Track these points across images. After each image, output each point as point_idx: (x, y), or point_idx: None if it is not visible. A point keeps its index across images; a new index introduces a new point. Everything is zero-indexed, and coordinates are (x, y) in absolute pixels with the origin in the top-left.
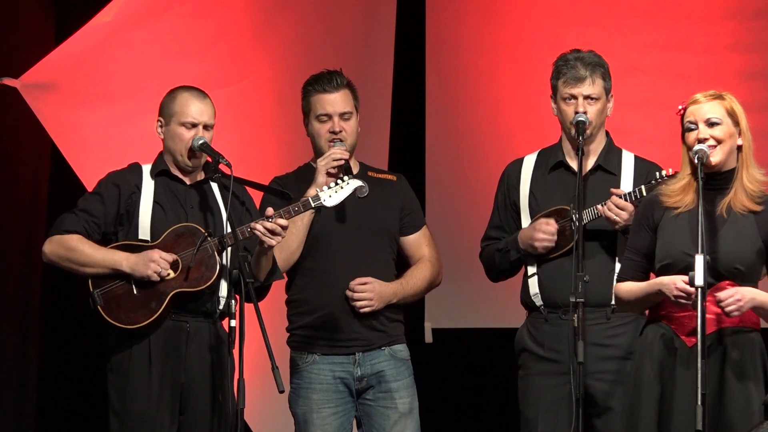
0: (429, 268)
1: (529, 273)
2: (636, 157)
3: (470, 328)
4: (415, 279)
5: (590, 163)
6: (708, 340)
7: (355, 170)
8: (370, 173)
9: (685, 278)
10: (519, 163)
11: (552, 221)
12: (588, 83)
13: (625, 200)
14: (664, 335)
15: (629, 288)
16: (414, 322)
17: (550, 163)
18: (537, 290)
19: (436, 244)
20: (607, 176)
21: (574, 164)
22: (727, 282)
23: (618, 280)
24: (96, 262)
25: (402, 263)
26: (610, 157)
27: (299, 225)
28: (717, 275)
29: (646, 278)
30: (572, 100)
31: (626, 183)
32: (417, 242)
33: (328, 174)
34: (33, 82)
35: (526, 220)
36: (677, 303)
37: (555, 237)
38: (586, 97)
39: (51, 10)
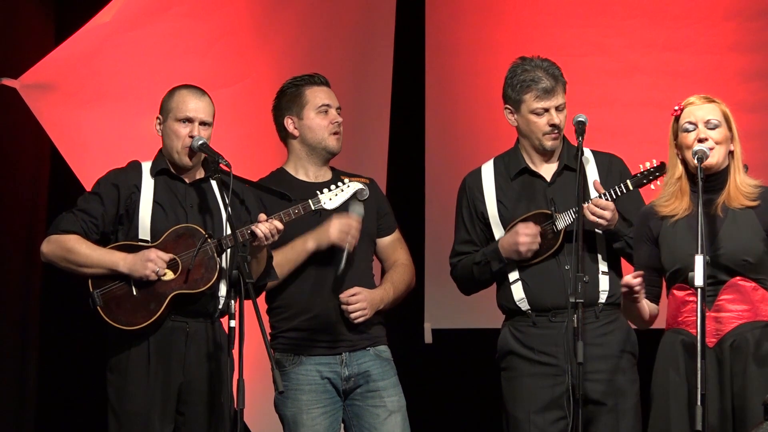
0: (407, 273)
1: (511, 279)
2: (593, 151)
3: (470, 328)
4: (397, 284)
5: (555, 165)
6: (731, 337)
7: (327, 177)
8: (343, 178)
9: (632, 273)
10: (477, 173)
11: (531, 224)
12: (557, 92)
13: (606, 199)
14: (684, 341)
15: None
16: (414, 322)
17: (512, 170)
18: (523, 295)
19: (407, 247)
20: (574, 175)
21: (538, 169)
22: (740, 278)
23: None
24: (94, 262)
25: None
26: (572, 155)
27: (291, 260)
28: (728, 271)
29: (656, 290)
30: (545, 113)
31: (591, 177)
32: (392, 245)
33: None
34: (32, 82)
35: (497, 230)
36: (626, 297)
37: (538, 238)
38: (556, 108)
39: (51, 10)
